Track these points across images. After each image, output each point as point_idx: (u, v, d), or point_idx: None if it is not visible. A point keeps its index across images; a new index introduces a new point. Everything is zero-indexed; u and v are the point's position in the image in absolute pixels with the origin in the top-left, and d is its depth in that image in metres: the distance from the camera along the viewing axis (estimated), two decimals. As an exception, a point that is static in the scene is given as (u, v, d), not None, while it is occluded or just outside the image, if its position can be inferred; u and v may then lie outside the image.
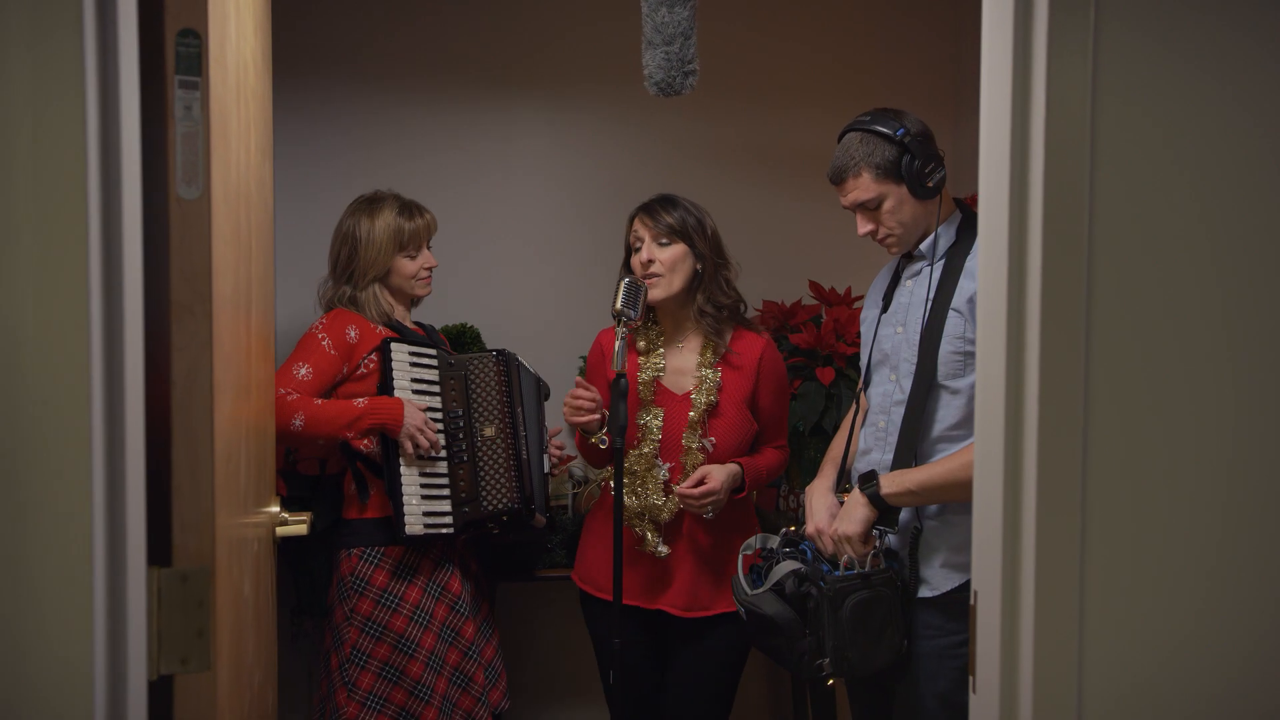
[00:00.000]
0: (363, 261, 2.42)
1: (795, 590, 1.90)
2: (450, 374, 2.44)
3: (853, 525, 1.93)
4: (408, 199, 2.49)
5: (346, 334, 2.36)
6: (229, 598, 1.28)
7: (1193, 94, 1.12)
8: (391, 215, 2.43)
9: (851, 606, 1.85)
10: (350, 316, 2.40)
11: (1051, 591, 1.08)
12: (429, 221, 2.50)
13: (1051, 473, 1.07)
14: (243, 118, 1.44)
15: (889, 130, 1.93)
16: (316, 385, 2.32)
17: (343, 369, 2.36)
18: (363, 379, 2.38)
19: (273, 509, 1.89)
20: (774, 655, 1.99)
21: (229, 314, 1.30)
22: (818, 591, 1.86)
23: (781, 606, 1.90)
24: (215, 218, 1.17)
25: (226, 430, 1.28)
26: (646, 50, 2.06)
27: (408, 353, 2.40)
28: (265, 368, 1.78)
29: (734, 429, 2.29)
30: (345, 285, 2.44)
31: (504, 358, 2.49)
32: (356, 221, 2.43)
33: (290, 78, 3.11)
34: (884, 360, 2.07)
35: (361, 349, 2.38)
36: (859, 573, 1.88)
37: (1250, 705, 1.13)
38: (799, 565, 1.93)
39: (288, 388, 2.28)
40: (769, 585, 1.94)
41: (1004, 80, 1.13)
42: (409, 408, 2.31)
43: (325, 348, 2.34)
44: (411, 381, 2.38)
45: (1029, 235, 1.09)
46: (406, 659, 2.32)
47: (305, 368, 2.31)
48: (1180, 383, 1.12)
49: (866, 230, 2.00)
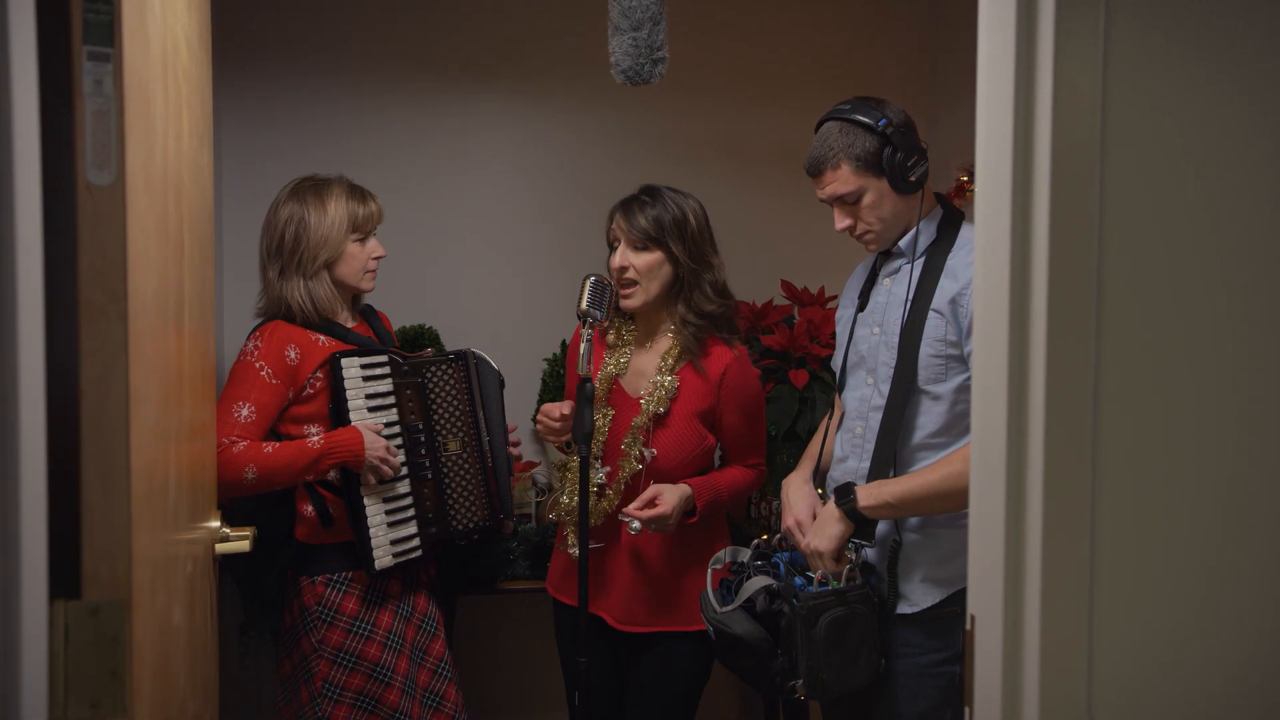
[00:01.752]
0: (313, 245, 2.17)
1: (767, 608, 1.80)
2: (405, 383, 2.24)
3: (827, 541, 1.83)
4: (355, 183, 2.30)
5: (286, 356, 2.15)
6: (152, 629, 1.16)
7: (1203, 86, 1.04)
8: (343, 197, 2.22)
9: (826, 625, 1.75)
10: (285, 331, 2.17)
11: (1059, 618, 0.99)
12: (378, 209, 2.29)
13: (1059, 491, 0.98)
14: (172, 99, 1.32)
15: (870, 120, 1.83)
16: (262, 424, 2.11)
17: (288, 395, 2.16)
18: (311, 399, 2.19)
19: (212, 524, 1.76)
20: (744, 676, 1.90)
21: (153, 314, 1.18)
22: (790, 609, 1.77)
23: (752, 625, 1.80)
24: (134, 207, 1.04)
25: (149, 442, 1.15)
26: (613, 36, 1.96)
27: (360, 366, 2.18)
28: (203, 372, 1.65)
29: (679, 442, 2.14)
30: (296, 276, 2.18)
31: (463, 360, 2.33)
32: (302, 202, 2.19)
33: (238, 68, 2.97)
34: (860, 363, 1.98)
35: (306, 368, 2.17)
36: (834, 589, 1.78)
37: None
38: (770, 581, 1.83)
39: (231, 435, 2.07)
40: (739, 602, 1.84)
41: (1006, 71, 1.04)
42: (368, 437, 2.12)
43: (265, 378, 2.12)
44: (366, 399, 2.18)
45: (1033, 234, 1.00)
46: (382, 687, 2.19)
47: (247, 408, 2.09)
48: (1192, 390, 1.04)
49: (844, 225, 1.90)
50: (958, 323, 1.82)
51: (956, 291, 1.83)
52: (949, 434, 1.85)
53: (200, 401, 1.62)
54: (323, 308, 2.21)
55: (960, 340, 1.83)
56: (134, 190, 1.05)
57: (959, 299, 1.82)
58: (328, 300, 2.22)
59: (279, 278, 2.21)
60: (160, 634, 1.22)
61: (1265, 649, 1.06)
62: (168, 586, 1.28)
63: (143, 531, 1.13)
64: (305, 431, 2.19)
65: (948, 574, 1.86)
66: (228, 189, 2.98)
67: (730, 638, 1.81)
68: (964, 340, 1.83)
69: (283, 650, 2.29)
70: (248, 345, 2.17)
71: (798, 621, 1.75)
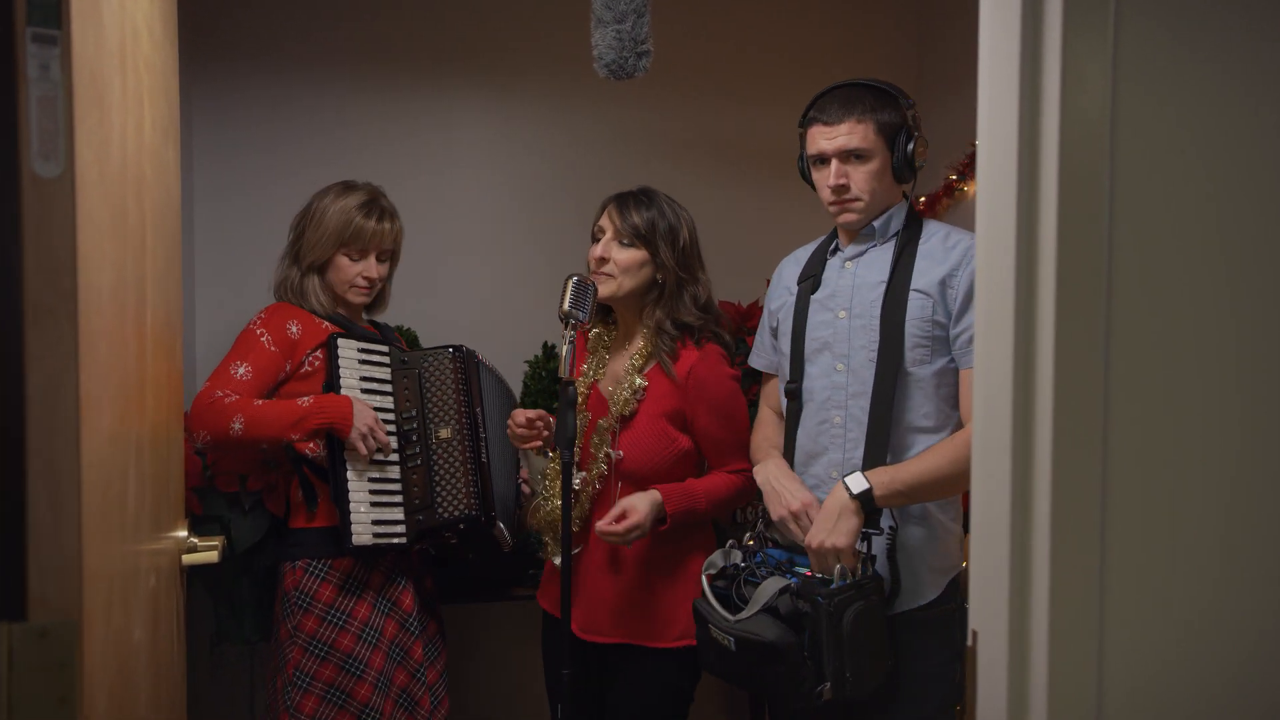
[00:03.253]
0: (308, 241, 2.24)
1: (792, 609, 1.70)
2: (403, 372, 2.25)
3: (844, 536, 1.74)
4: (385, 202, 2.29)
5: (288, 329, 2.18)
6: (108, 650, 1.09)
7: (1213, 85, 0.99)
8: (352, 206, 2.23)
9: (851, 621, 1.67)
10: (291, 310, 2.22)
11: (1068, 633, 0.94)
12: (385, 230, 2.26)
13: (1068, 499, 0.93)
14: (131, 88, 1.25)
15: (902, 100, 1.85)
16: (257, 385, 2.13)
17: (285, 366, 2.17)
18: (307, 377, 2.19)
19: (179, 534, 1.69)
20: (767, 688, 1.77)
21: (109, 315, 1.11)
22: (814, 607, 1.67)
23: (783, 629, 1.69)
24: (86, 200, 0.98)
25: (105, 451, 1.09)
26: (596, 28, 1.90)
27: (357, 349, 2.21)
28: (169, 376, 1.58)
29: (645, 444, 2.07)
30: (294, 267, 2.26)
31: (460, 354, 2.30)
32: (322, 196, 2.26)
33: (211, 64, 2.89)
34: (824, 348, 1.91)
35: (305, 345, 2.19)
36: (852, 582, 1.71)
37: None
38: (787, 581, 1.74)
39: (225, 389, 2.09)
40: (759, 607, 1.73)
41: (1010, 66, 0.99)
42: (359, 406, 2.13)
43: (265, 344, 2.15)
44: (361, 380, 2.19)
45: (1040, 231, 0.95)
46: (354, 680, 2.14)
47: (244, 366, 2.12)
48: (1200, 389, 0.99)
49: (840, 182, 1.85)
50: (946, 304, 1.80)
51: (946, 272, 1.81)
52: (938, 417, 1.83)
53: (166, 407, 1.55)
54: (310, 307, 2.25)
55: (948, 322, 1.80)
56: (86, 183, 0.98)
57: (949, 280, 1.81)
58: (319, 303, 2.25)
59: (287, 264, 2.29)
60: (117, 654, 1.15)
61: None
62: (126, 603, 1.22)
63: (97, 546, 1.06)
64: None
65: (946, 563, 1.85)
66: (199, 187, 2.90)
67: (761, 647, 1.70)
68: (952, 323, 1.80)
69: (271, 640, 2.27)
70: (253, 319, 2.21)
71: (823, 619, 1.66)
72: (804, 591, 1.70)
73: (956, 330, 1.80)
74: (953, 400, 1.84)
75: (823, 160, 1.88)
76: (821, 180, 1.89)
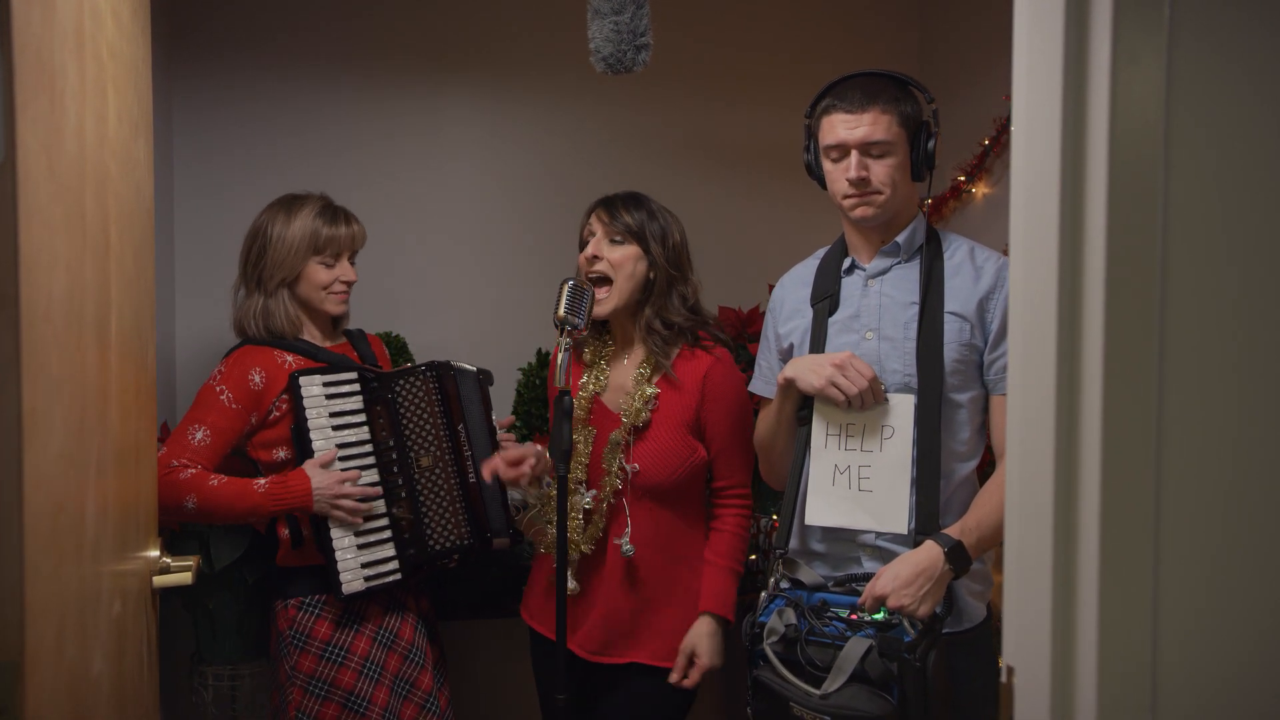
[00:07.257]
0: (271, 262, 2.09)
1: (883, 671, 1.55)
2: (375, 399, 2.11)
3: (928, 606, 1.60)
4: (337, 204, 2.18)
5: (249, 381, 2.04)
6: (59, 688, 0.99)
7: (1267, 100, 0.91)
8: (310, 215, 2.11)
9: (934, 669, 1.55)
10: (254, 355, 2.08)
11: (1119, 674, 0.85)
12: (355, 232, 2.17)
13: (1117, 534, 0.84)
14: (91, 76, 1.16)
15: (925, 96, 1.76)
16: (216, 449, 2.00)
17: (250, 421, 2.04)
18: (278, 422, 2.07)
19: (150, 554, 1.59)
20: None
21: (61, 322, 1.02)
22: (902, 665, 1.54)
23: (881, 700, 1.54)
24: (31, 194, 0.89)
25: (55, 472, 0.99)
26: (593, 21, 1.81)
27: (321, 385, 2.06)
28: (138, 388, 1.48)
29: (664, 453, 1.98)
30: (257, 293, 2.11)
31: (434, 371, 2.18)
32: (272, 217, 2.12)
33: (193, 61, 2.80)
34: None
35: (270, 393, 2.06)
36: (925, 627, 1.59)
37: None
38: (870, 641, 1.58)
39: (181, 457, 1.96)
40: (845, 678, 1.57)
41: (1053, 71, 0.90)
42: (318, 477, 1.99)
43: (225, 403, 2.01)
44: (331, 417, 2.06)
45: (1086, 246, 0.87)
46: (358, 718, 2.03)
47: (202, 431, 1.99)
48: (1260, 419, 0.90)
49: (860, 174, 1.72)
50: (984, 328, 1.72)
51: (983, 294, 1.72)
52: (974, 443, 1.77)
53: (134, 421, 1.45)
54: (277, 328, 2.11)
55: (984, 347, 1.72)
56: (31, 175, 0.89)
57: (987, 302, 1.72)
58: (287, 320, 2.12)
59: (244, 295, 2.14)
60: (71, 692, 1.05)
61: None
62: (84, 633, 1.12)
63: (46, 574, 0.97)
64: (275, 455, 2.07)
65: (982, 584, 1.78)
66: (180, 189, 2.81)
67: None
68: (989, 348, 1.71)
69: (272, 675, 2.15)
70: (215, 371, 2.07)
71: (907, 675, 1.53)
72: (888, 650, 1.56)
73: (992, 356, 1.72)
74: (982, 427, 1.77)
75: (841, 151, 1.75)
76: (838, 173, 1.76)
